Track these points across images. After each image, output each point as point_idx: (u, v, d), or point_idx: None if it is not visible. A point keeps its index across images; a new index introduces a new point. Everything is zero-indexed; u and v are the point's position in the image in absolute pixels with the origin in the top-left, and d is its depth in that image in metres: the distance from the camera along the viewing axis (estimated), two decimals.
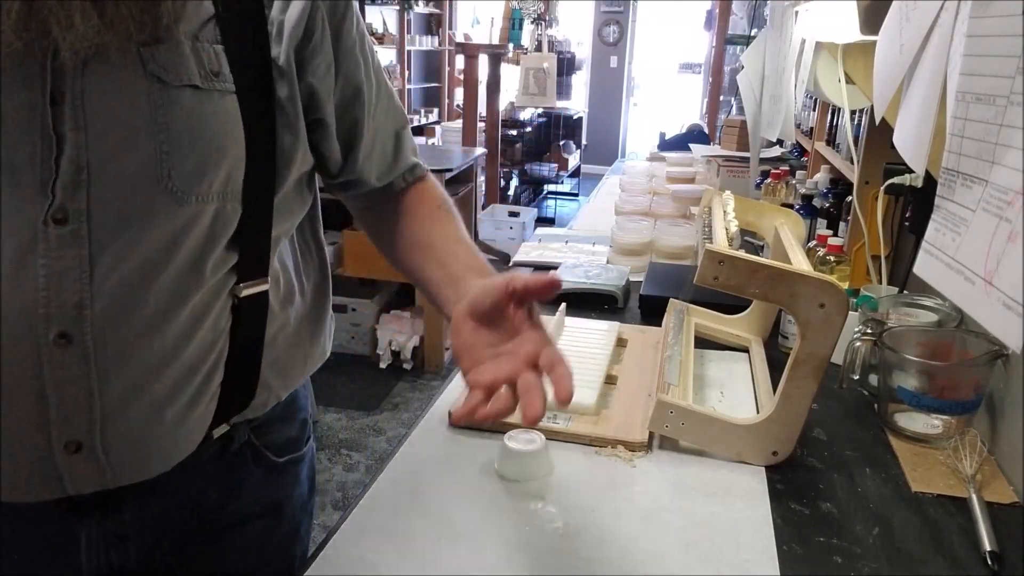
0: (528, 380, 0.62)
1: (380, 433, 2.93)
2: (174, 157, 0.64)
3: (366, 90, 0.80)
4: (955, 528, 0.86)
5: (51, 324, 0.61)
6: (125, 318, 0.64)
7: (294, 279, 0.83)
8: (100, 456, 0.66)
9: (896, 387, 1.04)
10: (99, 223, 0.62)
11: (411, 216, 0.88)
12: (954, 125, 0.59)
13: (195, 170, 0.65)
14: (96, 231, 0.62)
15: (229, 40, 0.67)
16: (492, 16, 6.62)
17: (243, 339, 0.75)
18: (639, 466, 0.97)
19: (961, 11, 0.59)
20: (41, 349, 0.61)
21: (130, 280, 0.64)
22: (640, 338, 1.34)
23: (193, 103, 0.65)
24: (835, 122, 2.05)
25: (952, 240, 0.58)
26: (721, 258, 0.92)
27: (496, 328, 0.69)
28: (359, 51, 0.78)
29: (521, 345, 0.66)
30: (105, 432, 0.65)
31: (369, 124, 0.82)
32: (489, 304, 0.69)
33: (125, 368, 0.65)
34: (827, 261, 1.41)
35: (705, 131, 4.26)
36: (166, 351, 0.67)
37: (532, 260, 1.89)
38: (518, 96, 5.71)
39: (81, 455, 0.65)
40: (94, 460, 0.65)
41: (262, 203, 0.72)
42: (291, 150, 0.74)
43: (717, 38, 5.08)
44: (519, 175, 6.59)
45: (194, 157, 0.65)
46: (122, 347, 0.64)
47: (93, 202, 0.61)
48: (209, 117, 0.66)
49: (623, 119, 8.83)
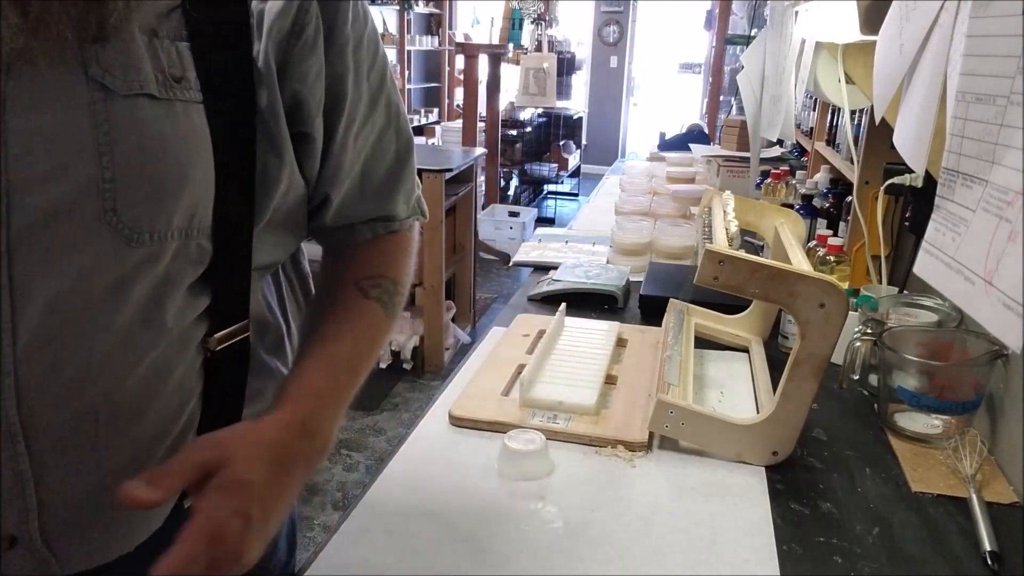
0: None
1: (380, 433, 2.93)
2: (120, 185, 0.51)
3: (349, 102, 0.65)
4: (955, 528, 0.86)
5: None
6: (52, 379, 0.52)
7: (280, 319, 0.71)
8: (40, 548, 0.55)
9: (896, 387, 1.04)
10: (22, 267, 0.50)
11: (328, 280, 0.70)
12: (954, 125, 0.59)
13: (148, 201, 0.52)
14: (18, 277, 0.50)
15: (197, 35, 0.54)
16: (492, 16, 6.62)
17: (219, 397, 0.63)
18: (639, 466, 0.97)
19: (961, 11, 0.59)
20: None
21: (64, 336, 0.52)
22: (640, 338, 1.34)
23: (147, 116, 0.52)
24: (835, 122, 2.05)
25: (952, 240, 0.58)
26: (721, 258, 0.92)
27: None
28: (351, 54, 0.64)
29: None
30: (44, 521, 0.54)
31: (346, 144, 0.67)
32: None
33: (64, 444, 0.54)
34: (827, 261, 1.41)
35: (705, 131, 4.26)
36: (117, 421, 0.56)
37: (532, 260, 1.89)
38: (518, 96, 5.72)
39: (16, 551, 0.54)
40: (34, 553, 0.55)
41: (239, 239, 0.60)
42: (275, 173, 0.61)
43: (717, 38, 5.08)
44: (519, 175, 6.60)
45: (147, 185, 0.52)
46: (59, 420, 0.53)
47: (14, 240, 0.49)
48: (168, 134, 0.53)
49: (623, 119, 8.83)
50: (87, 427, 0.54)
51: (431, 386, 3.29)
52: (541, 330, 1.32)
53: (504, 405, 1.08)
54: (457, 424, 1.05)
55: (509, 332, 1.36)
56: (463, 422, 1.04)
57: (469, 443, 1.01)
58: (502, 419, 1.03)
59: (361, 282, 0.69)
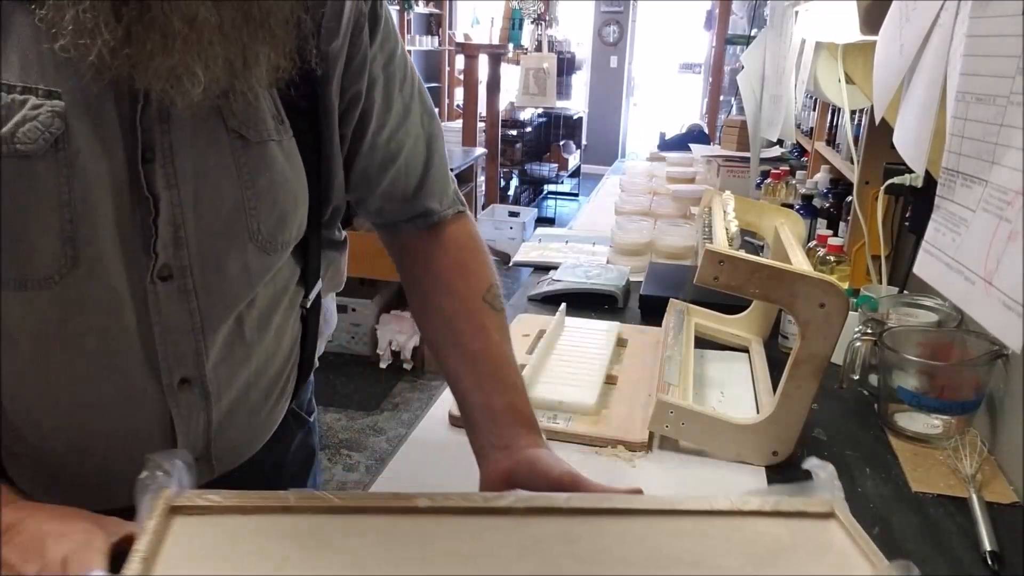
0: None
1: (380, 433, 2.93)
2: (260, 211, 0.66)
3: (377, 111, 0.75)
4: (955, 528, 0.86)
5: (173, 373, 0.66)
6: (230, 353, 0.70)
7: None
8: (213, 463, 0.74)
9: (896, 387, 1.04)
10: (200, 277, 0.64)
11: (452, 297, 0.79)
12: (954, 125, 0.59)
13: (278, 222, 0.68)
14: (199, 284, 0.64)
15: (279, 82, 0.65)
16: (492, 16, 6.61)
17: (309, 340, 0.82)
18: (639, 466, 0.97)
19: (961, 11, 0.59)
20: (166, 391, 0.66)
21: (232, 322, 0.69)
22: (640, 338, 1.34)
23: (272, 157, 0.66)
24: (835, 122, 2.05)
25: (952, 240, 0.58)
26: (721, 258, 0.92)
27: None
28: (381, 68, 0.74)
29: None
30: (216, 445, 0.73)
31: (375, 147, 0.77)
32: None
33: (230, 392, 0.71)
34: (827, 261, 1.41)
35: (705, 131, 4.26)
36: (260, 370, 0.74)
37: (532, 260, 1.89)
38: (518, 96, 5.71)
39: (198, 465, 0.70)
40: (208, 465, 0.73)
41: (316, 231, 0.76)
42: (340, 178, 0.76)
43: (717, 38, 5.08)
44: (519, 175, 6.59)
45: (277, 210, 0.67)
46: (229, 377, 0.71)
47: (193, 258, 0.63)
48: (286, 170, 0.67)
49: (623, 119, 8.82)
50: (244, 378, 0.72)
51: (431, 386, 3.29)
52: (541, 330, 1.32)
53: None
54: (457, 424, 1.04)
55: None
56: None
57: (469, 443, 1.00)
58: None
59: (486, 296, 0.80)
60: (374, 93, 0.74)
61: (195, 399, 0.68)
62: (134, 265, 0.61)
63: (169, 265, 0.63)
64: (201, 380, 0.68)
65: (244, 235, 0.65)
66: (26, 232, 0.57)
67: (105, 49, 0.52)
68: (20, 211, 0.56)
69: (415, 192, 0.81)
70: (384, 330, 3.41)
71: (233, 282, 0.67)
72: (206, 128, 0.62)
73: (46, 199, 0.57)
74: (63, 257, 0.58)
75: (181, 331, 0.65)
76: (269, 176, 0.66)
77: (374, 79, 0.73)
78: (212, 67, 0.55)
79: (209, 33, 0.54)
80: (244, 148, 0.64)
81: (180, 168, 0.61)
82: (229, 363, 0.70)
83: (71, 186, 0.57)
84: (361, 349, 3.48)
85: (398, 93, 0.76)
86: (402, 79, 0.77)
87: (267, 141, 0.65)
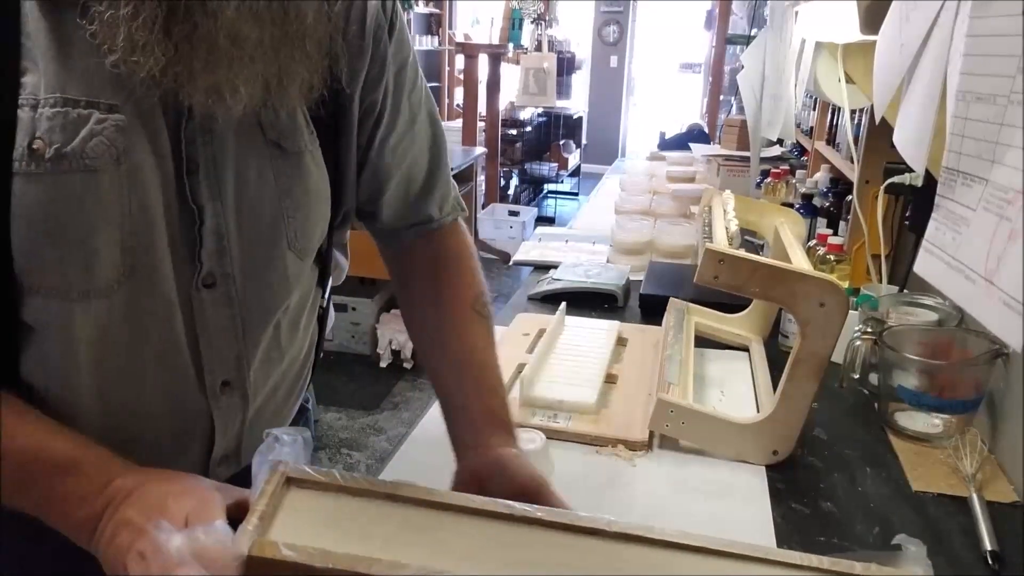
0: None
1: (380, 432, 2.93)
2: (297, 219, 0.69)
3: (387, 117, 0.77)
4: (955, 527, 0.86)
5: (216, 376, 0.68)
6: (267, 357, 0.73)
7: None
8: (241, 458, 0.76)
9: (896, 386, 1.04)
10: (242, 284, 0.67)
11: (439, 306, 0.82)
12: (954, 124, 0.59)
13: (311, 229, 0.71)
14: (241, 291, 0.67)
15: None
16: (492, 16, 6.61)
17: (321, 337, 0.85)
18: (639, 465, 0.97)
19: (961, 11, 0.59)
20: (209, 394, 0.69)
21: (271, 327, 0.71)
22: (640, 337, 1.34)
23: (307, 167, 0.69)
24: (835, 121, 2.05)
25: (952, 239, 0.58)
26: (721, 257, 0.92)
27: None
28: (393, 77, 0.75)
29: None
30: (245, 442, 0.75)
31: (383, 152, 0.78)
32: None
33: (263, 392, 0.74)
34: (827, 260, 1.41)
35: (705, 130, 4.26)
36: (286, 370, 0.77)
37: (532, 259, 1.90)
38: (518, 96, 5.71)
39: (228, 464, 0.75)
40: (236, 460, 0.76)
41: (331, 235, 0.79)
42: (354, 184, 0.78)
43: (717, 38, 5.08)
44: (519, 174, 6.59)
45: (311, 218, 0.71)
46: (264, 379, 0.74)
47: (235, 265, 0.66)
48: (317, 179, 0.70)
49: (623, 119, 8.82)
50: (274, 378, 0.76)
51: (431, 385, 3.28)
52: (541, 329, 1.32)
53: None
54: None
55: (509, 331, 1.36)
56: None
57: None
58: None
59: (475, 304, 0.82)
60: (387, 101, 0.75)
61: (235, 401, 0.71)
62: (181, 273, 0.64)
63: (213, 273, 0.65)
64: (242, 383, 0.70)
65: (283, 243, 0.68)
66: (92, 245, 0.58)
67: (156, 67, 0.54)
68: (87, 225, 0.58)
69: (417, 199, 0.82)
70: (384, 329, 3.41)
71: (273, 288, 0.70)
72: (246, 140, 0.64)
73: (110, 212, 0.58)
74: (122, 267, 0.60)
75: (224, 336, 0.67)
76: (304, 185, 0.68)
77: (388, 88, 0.75)
78: (252, 83, 0.57)
79: (251, 49, 0.56)
80: (282, 159, 0.67)
81: (223, 179, 0.63)
82: (266, 366, 0.73)
83: (131, 198, 0.59)
84: (361, 348, 3.48)
85: (406, 100, 0.78)
86: (411, 87, 0.78)
87: (303, 151, 0.68)
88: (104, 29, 0.54)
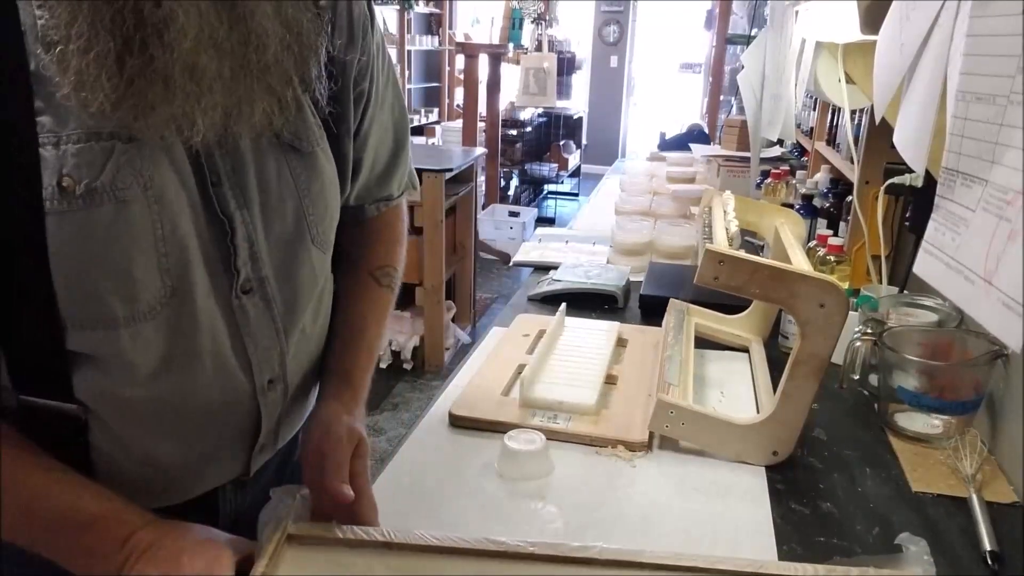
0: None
1: (380, 433, 2.93)
2: (315, 216, 0.71)
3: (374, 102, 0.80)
4: (955, 528, 0.86)
5: (263, 373, 0.71)
6: (300, 349, 0.76)
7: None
8: (277, 444, 0.80)
9: (896, 387, 1.04)
10: (275, 285, 0.70)
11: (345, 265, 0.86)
12: (954, 125, 0.59)
13: (329, 222, 0.74)
14: (274, 292, 0.70)
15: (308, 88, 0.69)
16: (492, 16, 6.61)
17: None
18: (639, 466, 0.97)
19: (961, 11, 0.59)
20: (258, 392, 0.72)
21: (302, 320, 0.74)
22: (640, 338, 1.34)
23: (320, 163, 0.71)
24: (835, 122, 2.05)
25: (952, 240, 0.58)
26: (721, 258, 0.92)
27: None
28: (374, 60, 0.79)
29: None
30: (281, 429, 0.78)
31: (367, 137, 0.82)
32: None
33: (297, 382, 0.77)
34: (827, 261, 1.41)
35: (705, 131, 4.26)
36: (312, 358, 0.80)
37: (532, 260, 1.89)
38: (518, 96, 5.71)
39: (266, 451, 0.78)
40: (273, 447, 0.79)
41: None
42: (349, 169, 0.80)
43: (717, 38, 5.08)
44: (519, 175, 6.59)
45: (328, 212, 0.73)
46: (297, 370, 0.77)
47: (267, 268, 0.68)
48: (329, 174, 0.73)
49: (623, 119, 8.82)
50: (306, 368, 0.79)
51: (431, 386, 3.29)
52: (541, 330, 1.32)
53: (504, 405, 1.08)
54: (457, 424, 1.05)
55: (509, 332, 1.36)
56: (463, 422, 1.04)
57: (469, 443, 1.01)
58: (502, 419, 1.03)
59: (374, 272, 0.88)
60: (372, 88, 0.78)
61: (277, 395, 0.74)
62: (219, 284, 0.65)
63: (250, 279, 0.67)
64: (283, 377, 0.74)
65: (307, 239, 0.71)
66: (132, 274, 0.59)
67: (108, 101, 0.54)
68: (124, 255, 0.59)
69: (381, 177, 0.86)
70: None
71: (303, 283, 0.72)
72: (262, 145, 0.66)
73: (144, 239, 0.59)
74: (163, 289, 0.62)
75: (266, 336, 0.70)
76: (320, 181, 0.71)
77: (374, 75, 0.78)
78: (210, 114, 0.57)
79: (209, 81, 0.56)
80: (298, 158, 0.69)
81: (246, 186, 0.65)
82: (299, 358, 0.76)
83: (162, 222, 0.60)
84: None
85: (379, 83, 0.81)
86: (380, 68, 0.80)
87: (315, 149, 0.70)
88: (57, 62, 0.53)
